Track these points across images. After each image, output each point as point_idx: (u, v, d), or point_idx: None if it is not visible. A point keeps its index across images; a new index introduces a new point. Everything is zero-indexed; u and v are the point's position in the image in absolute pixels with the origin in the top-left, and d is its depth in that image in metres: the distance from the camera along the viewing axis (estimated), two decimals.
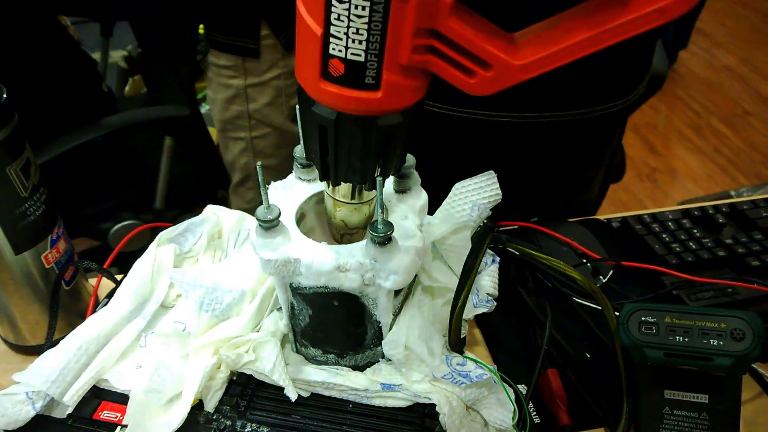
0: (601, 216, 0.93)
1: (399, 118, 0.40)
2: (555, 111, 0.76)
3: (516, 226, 0.87)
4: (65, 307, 0.70)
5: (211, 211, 0.74)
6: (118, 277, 0.77)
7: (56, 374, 0.55)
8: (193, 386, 0.54)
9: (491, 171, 0.62)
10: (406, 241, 0.49)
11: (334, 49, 0.36)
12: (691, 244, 0.83)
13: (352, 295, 0.50)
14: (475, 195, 0.62)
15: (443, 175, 0.63)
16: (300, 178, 0.57)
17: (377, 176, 0.47)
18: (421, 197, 0.54)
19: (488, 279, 0.63)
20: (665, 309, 0.54)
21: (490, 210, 0.62)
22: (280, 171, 1.46)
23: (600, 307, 0.76)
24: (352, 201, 0.50)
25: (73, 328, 0.71)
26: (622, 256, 0.84)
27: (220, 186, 2.10)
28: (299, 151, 0.56)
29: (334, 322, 0.54)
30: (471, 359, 0.56)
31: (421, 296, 0.57)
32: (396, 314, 0.54)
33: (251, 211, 1.58)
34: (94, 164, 1.64)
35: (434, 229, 0.56)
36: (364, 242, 0.49)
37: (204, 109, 2.35)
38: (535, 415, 0.66)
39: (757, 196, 0.94)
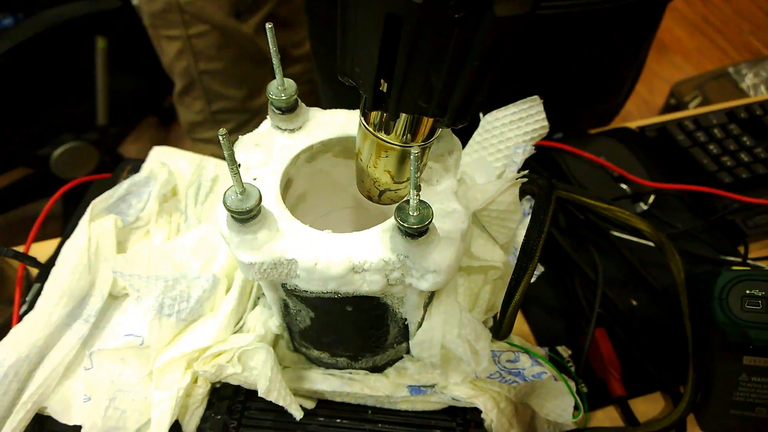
0: (632, 123, 0.79)
1: (526, 5, 0.23)
2: None
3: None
4: None
5: (158, 158, 0.57)
6: (48, 245, 0.61)
7: None
8: (164, 416, 0.41)
9: (535, 96, 0.46)
10: (444, 221, 0.35)
11: None
12: (742, 156, 0.70)
13: (371, 297, 0.36)
14: (514, 129, 0.46)
15: None
16: (278, 128, 0.40)
17: (414, 144, 0.31)
18: (455, 147, 0.39)
19: None
20: None
21: (534, 147, 0.47)
22: (228, 78, 1.23)
23: (642, 241, 0.65)
24: (409, 143, 0.32)
25: (2, 315, 0.57)
26: (663, 173, 0.71)
27: (166, 93, 1.85)
28: (274, 90, 0.38)
29: (345, 326, 0.40)
30: (523, 350, 0.43)
31: (455, 276, 0.43)
32: (426, 304, 0.41)
33: (203, 125, 1.36)
34: (18, 80, 1.37)
35: (475, 193, 0.41)
36: (387, 226, 0.34)
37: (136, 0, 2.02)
38: (582, 385, 0.56)
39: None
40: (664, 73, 2.23)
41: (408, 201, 0.31)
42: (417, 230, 0.31)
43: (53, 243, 0.64)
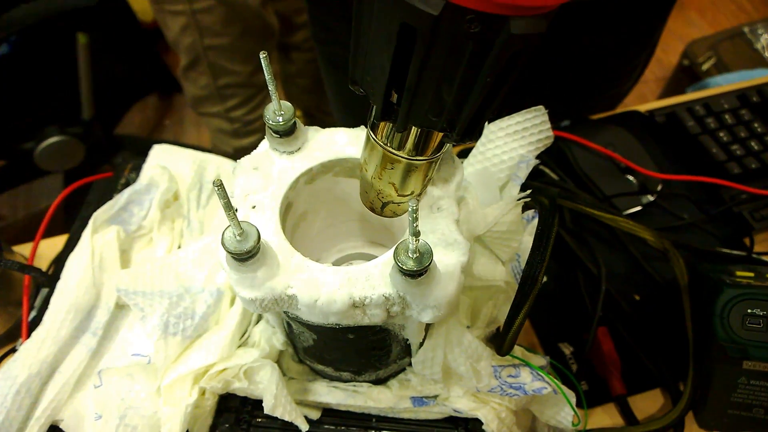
0: (642, 107, 0.77)
1: (542, 25, 0.22)
2: None
3: None
4: None
5: (158, 160, 0.57)
6: (53, 242, 0.61)
7: None
8: (174, 430, 0.42)
9: (540, 106, 0.45)
10: (444, 253, 0.34)
11: None
12: (752, 144, 0.68)
13: (373, 325, 0.37)
14: (518, 139, 0.45)
15: None
16: (276, 150, 0.40)
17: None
18: (456, 171, 0.38)
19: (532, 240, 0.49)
20: None
21: (537, 157, 0.46)
22: (233, 53, 1.21)
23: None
24: (417, 157, 0.32)
25: (11, 317, 0.58)
26: (671, 161, 0.70)
27: (160, 80, 1.81)
28: (271, 114, 0.37)
29: (348, 348, 0.41)
30: (524, 363, 0.44)
31: None
32: (427, 326, 0.41)
33: (208, 99, 1.34)
34: (2, 73, 1.31)
35: (477, 219, 0.41)
36: (387, 259, 0.34)
37: None
38: (582, 383, 0.57)
39: None
40: (678, 30, 2.16)
41: (408, 244, 0.31)
42: (416, 272, 0.31)
43: (57, 240, 0.64)
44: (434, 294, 0.33)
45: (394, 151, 0.32)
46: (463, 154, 0.63)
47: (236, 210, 0.32)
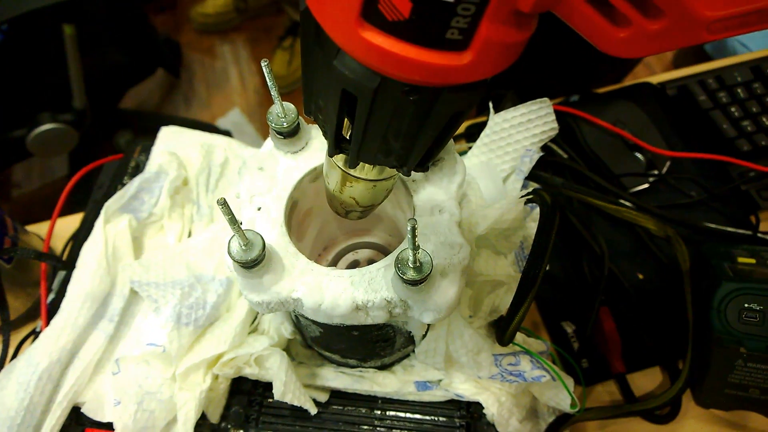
0: (653, 78, 0.75)
1: (477, 94, 0.23)
2: None
3: None
4: (15, 281, 0.58)
5: (166, 145, 0.57)
6: (68, 221, 0.62)
7: (21, 414, 0.45)
8: (189, 415, 0.44)
9: (545, 99, 0.44)
10: (446, 256, 0.35)
11: None
12: (764, 119, 0.67)
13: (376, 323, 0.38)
14: (523, 131, 0.45)
15: None
16: (280, 149, 0.40)
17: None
18: (458, 171, 0.38)
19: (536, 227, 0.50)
20: None
21: (541, 149, 0.46)
22: None
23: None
24: (373, 178, 0.33)
25: (30, 297, 0.60)
26: (681, 136, 0.69)
27: (157, 63, 1.77)
28: (275, 117, 0.38)
29: (353, 341, 0.42)
30: (525, 351, 0.45)
31: None
32: None
33: None
34: None
35: (478, 219, 0.41)
36: (389, 262, 0.35)
37: None
38: (583, 361, 0.58)
39: None
40: None
41: (407, 254, 0.31)
42: (416, 281, 0.32)
43: (70, 219, 0.66)
44: (434, 299, 0.34)
45: (351, 172, 0.32)
46: (470, 138, 0.62)
47: (241, 223, 0.33)
